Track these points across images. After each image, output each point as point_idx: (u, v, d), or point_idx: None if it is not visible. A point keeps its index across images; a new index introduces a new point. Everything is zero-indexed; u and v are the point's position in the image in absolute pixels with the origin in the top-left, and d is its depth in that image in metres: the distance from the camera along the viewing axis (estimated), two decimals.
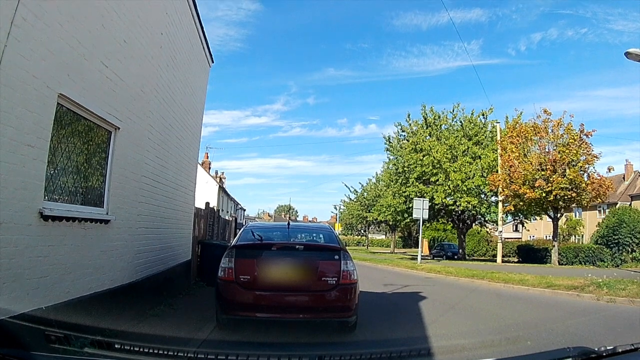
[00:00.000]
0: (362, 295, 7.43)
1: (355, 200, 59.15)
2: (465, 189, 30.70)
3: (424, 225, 30.29)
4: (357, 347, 6.06)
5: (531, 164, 24.90)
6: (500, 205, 29.98)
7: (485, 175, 30.12)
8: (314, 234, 8.25)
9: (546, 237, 43.49)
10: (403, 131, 36.97)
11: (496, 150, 29.69)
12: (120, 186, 6.74)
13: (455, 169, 31.05)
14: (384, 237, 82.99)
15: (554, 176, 23.90)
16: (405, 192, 33.61)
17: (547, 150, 25.39)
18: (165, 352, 3.25)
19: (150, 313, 7.37)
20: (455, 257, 36.40)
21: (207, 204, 15.24)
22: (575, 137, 24.60)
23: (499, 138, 29.85)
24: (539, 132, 25.73)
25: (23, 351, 2.93)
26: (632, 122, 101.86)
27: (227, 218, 27.86)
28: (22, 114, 4.30)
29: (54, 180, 5.11)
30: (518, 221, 40.60)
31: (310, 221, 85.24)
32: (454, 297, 12.47)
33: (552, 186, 23.75)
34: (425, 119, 35.18)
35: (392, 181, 36.67)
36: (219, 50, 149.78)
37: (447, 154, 31.77)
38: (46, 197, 4.83)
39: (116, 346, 2.79)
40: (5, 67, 4.02)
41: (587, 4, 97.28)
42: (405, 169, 34.01)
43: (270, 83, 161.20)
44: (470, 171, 31.08)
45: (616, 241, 30.14)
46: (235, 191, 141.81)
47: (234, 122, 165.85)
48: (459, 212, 33.32)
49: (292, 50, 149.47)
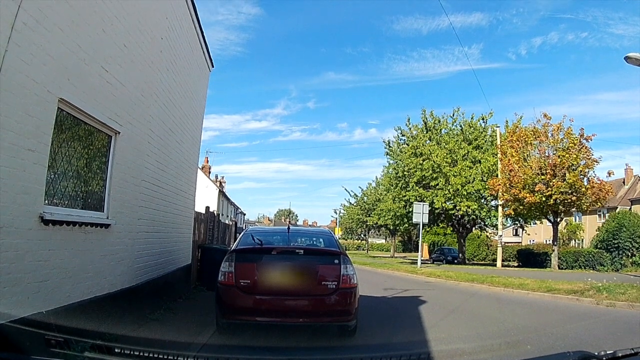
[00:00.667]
0: (362, 300, 7.43)
1: (355, 204, 59.15)
2: (465, 193, 30.67)
3: (423, 230, 30.28)
4: (358, 352, 6.10)
5: (531, 168, 24.88)
6: (500, 209, 29.97)
7: (485, 180, 30.12)
8: (314, 238, 8.26)
9: (546, 241, 43.50)
10: (403, 135, 36.97)
11: (496, 155, 29.68)
12: (121, 190, 6.76)
13: (455, 173, 31.04)
14: (383, 241, 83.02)
15: (553, 180, 23.87)
16: (405, 196, 33.59)
17: (547, 154, 25.37)
18: (165, 357, 3.24)
19: (150, 317, 7.37)
20: (455, 261, 36.39)
21: (207, 208, 15.25)
22: (575, 142, 24.57)
23: (498, 142, 29.85)
24: (538, 137, 25.73)
25: (23, 355, 2.94)
26: (632, 126, 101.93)
27: (227, 222, 27.87)
28: (22, 119, 4.31)
29: (54, 184, 5.12)
30: (518, 225, 40.51)
31: (310, 225, 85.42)
32: (454, 301, 12.47)
33: (552, 190, 23.72)
34: (425, 123, 35.20)
35: (392, 185, 36.61)
36: (219, 55, 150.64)
37: (447, 158, 31.77)
38: (47, 202, 4.84)
39: (116, 350, 2.79)
40: (6, 71, 4.04)
41: (588, 8, 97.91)
42: (405, 173, 34.00)
43: (271, 87, 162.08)
44: (470, 175, 31.07)
45: (616, 245, 30.15)
46: (235, 195, 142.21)
47: (234, 126, 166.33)
48: (459, 216, 33.28)
49: (292, 54, 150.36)
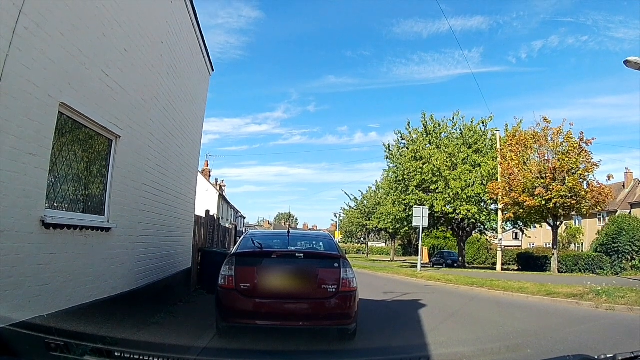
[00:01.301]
0: (362, 303, 7.43)
1: (355, 208, 59.13)
2: (465, 197, 30.69)
3: (423, 233, 30.25)
4: (358, 356, 6.12)
5: (531, 172, 24.94)
6: (500, 213, 29.98)
7: (485, 183, 30.14)
8: (314, 242, 8.25)
9: (546, 245, 43.47)
10: (403, 139, 37.00)
11: (496, 158, 29.73)
12: (121, 194, 6.78)
13: (455, 177, 31.05)
14: (384, 245, 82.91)
15: (553, 184, 23.93)
16: (405, 200, 33.59)
17: (546, 158, 25.42)
18: None
19: (151, 321, 7.37)
20: (455, 265, 36.37)
21: (207, 211, 15.26)
22: (575, 145, 24.66)
23: (498, 146, 29.91)
24: (538, 140, 25.80)
25: (24, 359, 2.95)
26: (632, 129, 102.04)
27: (227, 226, 27.88)
28: (23, 123, 4.34)
29: (55, 188, 5.15)
30: (518, 229, 40.52)
31: (310, 229, 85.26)
32: (454, 305, 12.47)
33: (551, 194, 23.79)
34: (425, 127, 35.23)
35: (392, 189, 36.62)
36: (220, 58, 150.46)
37: (447, 162, 31.78)
38: (48, 205, 4.86)
39: (116, 354, 2.74)
40: (7, 76, 4.06)
41: (588, 12, 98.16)
42: (405, 176, 33.97)
43: (271, 91, 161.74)
44: (470, 179, 31.08)
45: (616, 249, 30.09)
46: (235, 199, 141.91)
47: (234, 129, 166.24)
48: (459, 220, 33.28)
49: (292, 57, 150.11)
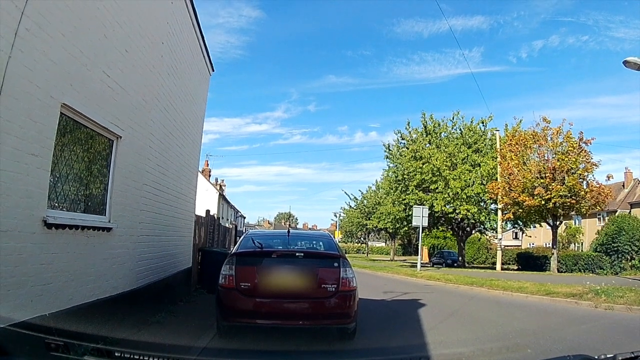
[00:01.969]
0: (362, 303, 7.45)
1: (355, 207, 59.18)
2: (465, 196, 30.72)
3: (423, 233, 30.26)
4: (358, 356, 6.14)
5: (530, 171, 25.00)
6: (499, 213, 30.03)
7: (484, 183, 30.19)
8: (314, 242, 8.27)
9: (546, 244, 43.52)
10: (403, 139, 37.02)
11: (496, 158, 29.77)
12: (122, 194, 6.81)
13: (455, 177, 31.09)
14: (384, 244, 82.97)
15: (553, 184, 23.98)
16: (404, 199, 33.64)
17: (546, 158, 25.47)
18: None
19: (151, 320, 7.41)
20: (455, 264, 36.44)
21: (208, 211, 15.30)
22: (575, 145, 24.70)
23: (498, 146, 29.93)
24: (538, 140, 25.82)
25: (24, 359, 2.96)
26: (632, 129, 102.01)
27: (227, 226, 27.92)
28: (26, 124, 4.37)
29: (57, 188, 5.18)
30: (517, 229, 40.58)
31: (310, 228, 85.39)
32: (453, 304, 12.52)
33: (551, 194, 23.83)
34: (425, 126, 35.25)
35: (392, 189, 36.66)
36: (220, 58, 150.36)
37: (447, 162, 31.83)
38: (49, 206, 4.89)
39: (116, 354, 2.72)
40: (10, 77, 4.09)
41: (589, 12, 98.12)
42: (405, 176, 34.02)
43: (271, 90, 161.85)
44: (469, 179, 31.12)
45: (615, 249, 30.13)
46: (235, 198, 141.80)
47: (234, 129, 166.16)
48: (459, 219, 33.35)
49: (293, 57, 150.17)
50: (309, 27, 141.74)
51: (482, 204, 32.22)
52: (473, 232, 37.68)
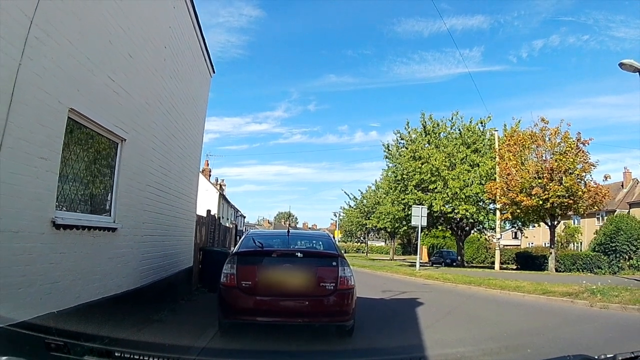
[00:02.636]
0: (361, 301, 7.59)
1: (354, 207, 59.31)
2: (464, 196, 30.82)
3: (423, 232, 30.36)
4: (357, 356, 6.21)
5: (528, 172, 25.12)
6: (498, 212, 30.20)
7: (483, 183, 30.29)
8: (313, 241, 8.44)
9: (544, 244, 43.62)
10: (402, 139, 37.10)
11: (494, 158, 29.88)
12: (127, 195, 6.99)
13: (454, 177, 31.19)
14: (383, 244, 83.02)
15: (550, 184, 24.09)
16: (404, 199, 33.73)
17: (544, 158, 25.59)
18: None
19: (154, 318, 7.57)
20: (454, 264, 36.54)
21: (209, 211, 15.48)
22: (572, 146, 24.78)
23: (497, 146, 30.05)
24: (536, 141, 25.93)
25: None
26: (632, 129, 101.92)
27: (227, 225, 28.09)
28: (35, 128, 4.55)
29: (64, 190, 5.35)
30: (516, 229, 40.74)
31: (310, 228, 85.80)
32: (451, 303, 12.69)
33: (548, 194, 23.94)
34: (425, 127, 35.32)
35: (391, 189, 36.76)
36: (220, 57, 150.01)
37: (446, 162, 31.93)
38: (58, 207, 5.07)
39: (116, 354, 2.74)
40: (20, 84, 4.26)
41: (589, 11, 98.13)
42: (404, 176, 34.13)
43: (271, 90, 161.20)
44: (468, 179, 31.24)
45: (613, 248, 30.27)
46: (235, 198, 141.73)
47: (234, 128, 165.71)
48: (457, 219, 33.48)
49: (293, 56, 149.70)
50: (309, 27, 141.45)
51: (480, 203, 32.33)
52: (472, 231, 37.82)
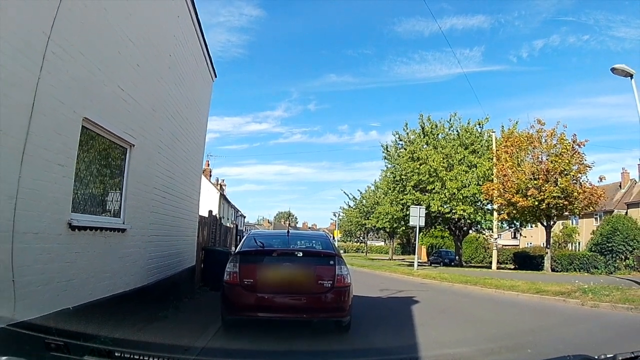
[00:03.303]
0: (359, 300, 7.87)
1: (354, 207, 59.69)
2: (461, 197, 31.17)
3: (422, 232, 30.66)
4: (357, 356, 6.38)
5: (524, 173, 25.47)
6: (495, 213, 30.55)
7: (480, 184, 30.60)
8: (312, 241, 8.79)
9: (543, 244, 43.82)
10: (400, 140, 37.52)
11: (492, 159, 30.24)
12: (135, 198, 7.37)
13: (452, 178, 31.55)
14: (383, 244, 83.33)
15: (546, 185, 24.44)
16: (402, 199, 34.13)
17: (540, 159, 25.93)
18: None
19: (159, 315, 7.91)
20: (452, 263, 36.85)
21: (210, 212, 15.84)
22: (568, 147, 25.13)
23: (494, 147, 30.40)
24: (532, 142, 26.28)
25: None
26: (632, 130, 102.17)
27: (228, 225, 28.45)
28: (53, 137, 4.91)
29: (79, 193, 5.72)
30: (513, 229, 41.07)
31: (310, 228, 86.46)
32: (446, 301, 13.06)
33: (544, 195, 24.30)
34: (423, 128, 35.65)
35: (390, 189, 37.18)
36: (220, 57, 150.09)
37: (444, 163, 32.27)
38: (73, 210, 5.43)
39: (116, 354, 2.73)
40: (40, 96, 4.62)
41: (590, 11, 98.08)
42: (402, 177, 34.53)
43: (272, 89, 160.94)
44: (466, 180, 31.61)
45: (610, 249, 30.50)
46: (235, 198, 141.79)
47: (234, 128, 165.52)
48: (455, 219, 33.86)
49: (293, 56, 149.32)
50: (309, 26, 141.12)
51: (478, 204, 32.69)
52: (470, 231, 38.18)
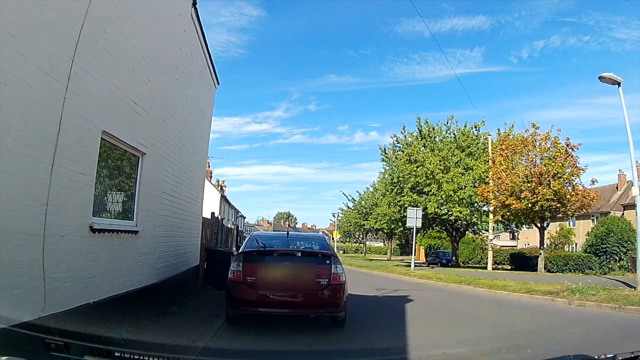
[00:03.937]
0: (355, 298, 8.31)
1: (353, 208, 60.29)
2: (457, 199, 31.78)
3: (420, 233, 31.11)
4: (357, 356, 6.56)
5: (518, 176, 26.02)
6: (491, 215, 31.14)
7: (476, 186, 31.18)
8: (310, 242, 9.42)
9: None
10: (398, 143, 38.18)
11: (488, 162, 30.81)
12: (146, 202, 7.97)
13: (448, 180, 32.11)
14: (382, 244, 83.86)
15: (539, 188, 24.98)
16: (400, 201, 34.76)
17: (534, 163, 26.44)
18: None
19: (167, 311, 8.53)
20: (449, 264, 37.48)
21: (213, 213, 16.43)
22: (562, 150, 25.71)
23: (490, 150, 30.95)
24: (526, 146, 26.84)
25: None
26: (633, 129, 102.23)
27: (229, 226, 29.00)
28: (77, 150, 5.51)
29: (98, 199, 6.32)
30: (509, 230, 41.64)
31: (309, 228, 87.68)
32: (438, 300, 13.69)
33: (537, 197, 24.84)
34: (420, 131, 36.21)
35: (388, 191, 37.88)
36: (221, 57, 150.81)
37: (440, 166, 32.82)
38: (94, 214, 6.03)
39: (116, 354, 2.80)
40: (66, 114, 5.20)
41: (590, 12, 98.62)
42: (400, 179, 35.16)
43: (272, 89, 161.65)
44: (462, 182, 32.19)
45: (604, 250, 31.01)
46: (235, 198, 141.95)
47: (234, 128, 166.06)
48: (452, 221, 34.46)
49: (294, 56, 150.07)
50: (310, 27, 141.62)
51: (474, 205, 33.24)
52: (467, 232, 38.75)
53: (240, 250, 8.26)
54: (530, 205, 25.24)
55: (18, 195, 4.38)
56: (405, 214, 30.27)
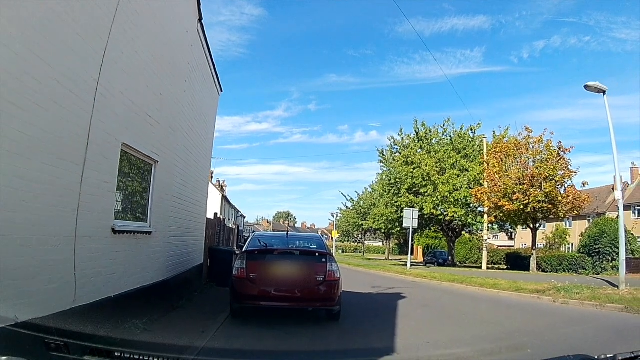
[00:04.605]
0: (351, 295, 8.80)
1: (351, 208, 60.99)
2: (453, 200, 32.49)
3: (418, 233, 31.68)
4: (357, 356, 6.58)
5: (510, 178, 26.65)
6: (485, 215, 31.82)
7: (472, 187, 31.80)
8: (308, 242, 10.18)
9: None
10: (396, 144, 39.01)
11: (482, 164, 31.34)
12: (158, 205, 8.72)
13: (444, 182, 32.81)
14: (380, 244, 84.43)
15: (531, 190, 25.61)
16: (397, 202, 35.59)
17: (526, 165, 27.04)
18: None
19: (176, 305, 9.23)
20: (446, 263, 38.13)
21: (215, 214, 17.15)
22: (554, 153, 26.37)
23: (485, 152, 31.65)
24: (519, 149, 27.50)
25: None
26: (632, 130, 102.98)
27: (230, 226, 29.71)
28: (102, 160, 6.24)
29: (118, 203, 7.06)
30: (503, 231, 42.29)
31: (308, 228, 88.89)
32: (431, 297, 14.38)
33: (529, 199, 25.48)
34: (417, 133, 37.00)
35: (385, 191, 38.71)
36: (221, 56, 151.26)
37: (436, 167, 33.53)
38: (115, 217, 6.77)
39: (116, 354, 2.84)
40: (93, 130, 5.93)
41: (591, 12, 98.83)
42: (397, 180, 36.01)
43: (272, 89, 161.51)
44: (457, 183, 32.88)
45: (597, 250, 31.41)
46: (235, 197, 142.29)
47: (234, 128, 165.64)
48: (448, 221, 35.25)
49: (294, 56, 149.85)
50: (311, 26, 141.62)
51: (470, 206, 33.86)
52: (463, 232, 39.43)
53: (243, 249, 8.98)
54: (522, 207, 25.87)
55: (55, 202, 5.11)
56: (402, 215, 30.97)
